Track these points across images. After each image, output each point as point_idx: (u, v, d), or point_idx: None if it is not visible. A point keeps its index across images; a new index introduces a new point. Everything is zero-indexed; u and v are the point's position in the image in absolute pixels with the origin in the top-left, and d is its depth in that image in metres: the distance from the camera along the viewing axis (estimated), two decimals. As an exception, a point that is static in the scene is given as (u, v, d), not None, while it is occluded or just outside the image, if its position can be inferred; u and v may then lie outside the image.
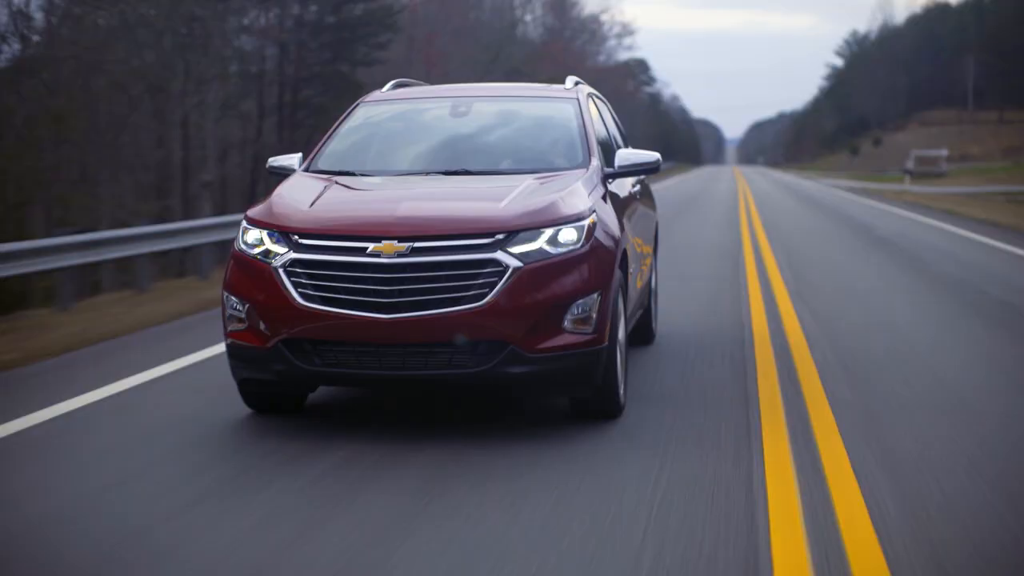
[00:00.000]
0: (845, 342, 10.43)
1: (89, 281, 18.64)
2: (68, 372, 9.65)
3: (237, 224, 8.35)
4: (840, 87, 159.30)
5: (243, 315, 7.39)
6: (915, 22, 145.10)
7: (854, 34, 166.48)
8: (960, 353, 10.27)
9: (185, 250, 20.52)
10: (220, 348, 9.20)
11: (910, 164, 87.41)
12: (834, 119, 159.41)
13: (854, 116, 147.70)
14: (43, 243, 14.14)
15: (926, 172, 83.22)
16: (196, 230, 17.63)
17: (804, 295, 13.75)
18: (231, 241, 8.29)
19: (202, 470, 6.76)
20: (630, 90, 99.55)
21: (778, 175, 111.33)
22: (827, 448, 6.76)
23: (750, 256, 19.36)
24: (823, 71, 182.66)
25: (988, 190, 56.22)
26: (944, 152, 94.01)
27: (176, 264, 24.14)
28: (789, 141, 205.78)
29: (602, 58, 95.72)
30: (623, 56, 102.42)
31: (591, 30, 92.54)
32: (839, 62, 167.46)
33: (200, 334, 11.00)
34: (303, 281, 7.10)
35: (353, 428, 7.62)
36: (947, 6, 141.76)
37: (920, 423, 7.49)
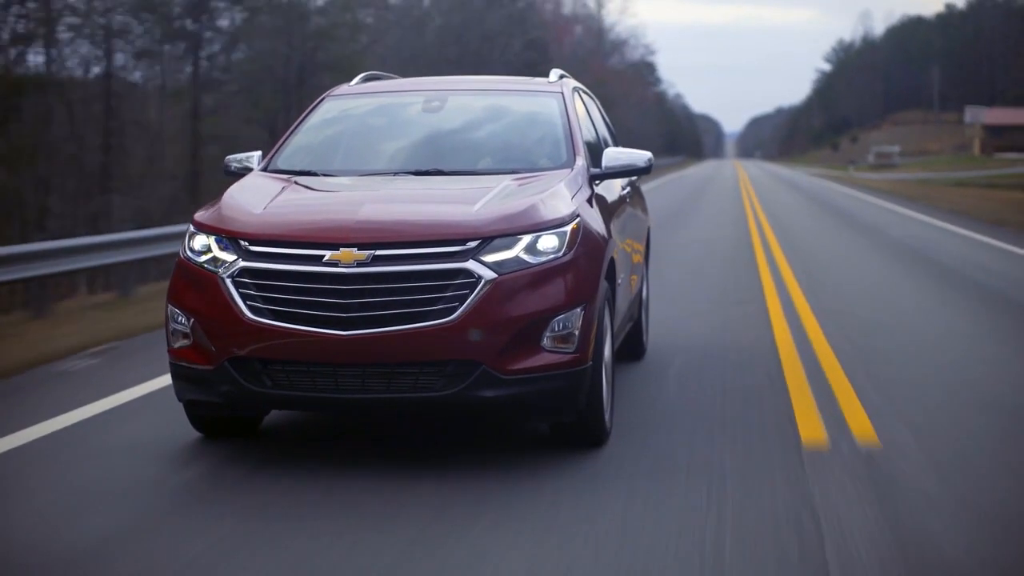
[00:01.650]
0: (775, 207, 33.80)
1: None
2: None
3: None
4: (827, 90, 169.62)
5: (187, 330, 6.20)
6: (892, 34, 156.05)
7: (840, 42, 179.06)
8: (813, 214, 30.56)
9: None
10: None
11: (870, 158, 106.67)
12: (822, 118, 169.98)
13: (838, 116, 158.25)
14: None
15: (883, 164, 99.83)
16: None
17: (765, 201, 37.35)
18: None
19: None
20: (639, 89, 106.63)
21: (769, 166, 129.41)
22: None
23: (744, 192, 46.12)
24: (814, 75, 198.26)
25: (911, 176, 71.88)
26: (897, 148, 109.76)
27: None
28: (783, 137, 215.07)
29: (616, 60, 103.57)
30: (632, 57, 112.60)
31: (621, 51, 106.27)
32: (827, 67, 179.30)
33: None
34: (253, 293, 5.98)
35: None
36: (920, 18, 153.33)
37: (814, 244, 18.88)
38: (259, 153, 7.47)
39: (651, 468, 6.02)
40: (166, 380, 7.52)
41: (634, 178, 8.67)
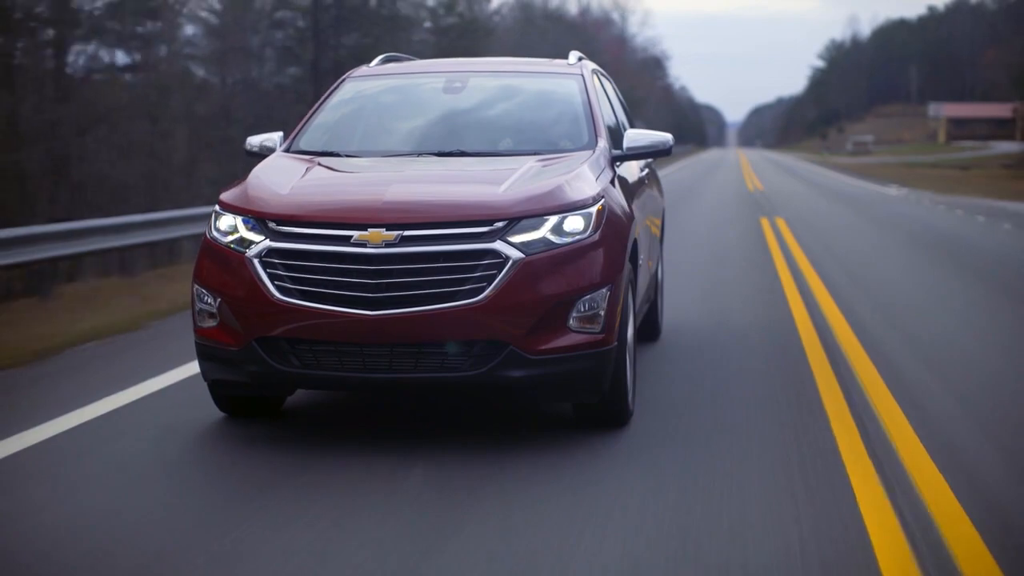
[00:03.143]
0: (761, 171, 60.57)
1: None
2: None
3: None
4: (820, 85, 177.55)
5: (214, 310, 5.89)
6: (877, 35, 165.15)
7: (832, 42, 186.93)
8: (782, 174, 58.09)
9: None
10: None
11: (849, 146, 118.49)
12: (815, 111, 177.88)
13: (829, 109, 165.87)
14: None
15: (859, 151, 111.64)
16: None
17: (758, 171, 59.83)
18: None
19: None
20: (649, 83, 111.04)
21: (765, 153, 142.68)
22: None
23: (743, 167, 66.04)
24: (809, 70, 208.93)
25: (874, 160, 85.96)
26: (871, 137, 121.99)
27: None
28: (781, 127, 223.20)
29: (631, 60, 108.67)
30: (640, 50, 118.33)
31: (641, 60, 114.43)
32: (821, 64, 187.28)
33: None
34: (280, 273, 5.68)
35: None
36: (903, 21, 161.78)
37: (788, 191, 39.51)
38: (280, 134, 7.06)
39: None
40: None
41: (650, 160, 8.32)
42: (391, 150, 6.88)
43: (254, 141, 7.15)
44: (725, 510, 5.06)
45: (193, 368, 7.37)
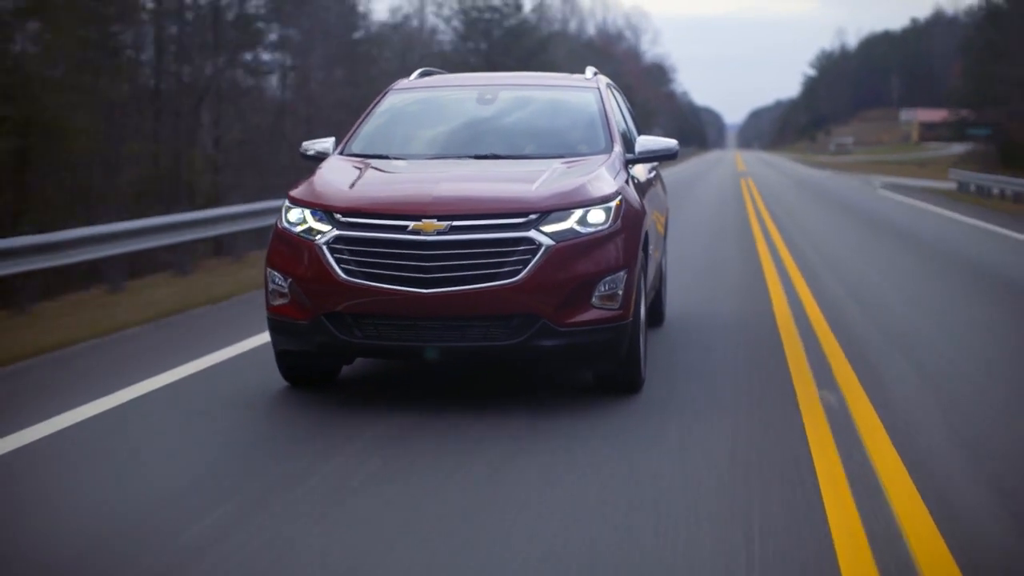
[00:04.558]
0: (750, 165, 77.19)
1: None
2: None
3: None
4: (811, 92, 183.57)
5: (285, 290, 6.54)
6: (863, 46, 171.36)
7: (823, 51, 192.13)
8: (765, 165, 77.87)
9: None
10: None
11: (831, 147, 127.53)
12: (806, 115, 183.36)
13: (819, 114, 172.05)
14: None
15: (840, 151, 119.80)
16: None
17: (747, 164, 78.32)
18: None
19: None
20: (655, 89, 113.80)
21: (759, 153, 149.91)
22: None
23: (738, 163, 79.91)
24: (802, 77, 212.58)
25: (851, 159, 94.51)
26: (851, 139, 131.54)
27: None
28: (778, 129, 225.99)
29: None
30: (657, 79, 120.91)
31: (648, 69, 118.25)
32: (812, 72, 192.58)
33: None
34: (346, 257, 6.35)
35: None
36: (887, 32, 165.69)
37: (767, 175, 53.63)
38: (333, 139, 7.71)
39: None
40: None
41: (656, 163, 8.98)
42: (433, 153, 7.53)
43: (310, 146, 7.78)
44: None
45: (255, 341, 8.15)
